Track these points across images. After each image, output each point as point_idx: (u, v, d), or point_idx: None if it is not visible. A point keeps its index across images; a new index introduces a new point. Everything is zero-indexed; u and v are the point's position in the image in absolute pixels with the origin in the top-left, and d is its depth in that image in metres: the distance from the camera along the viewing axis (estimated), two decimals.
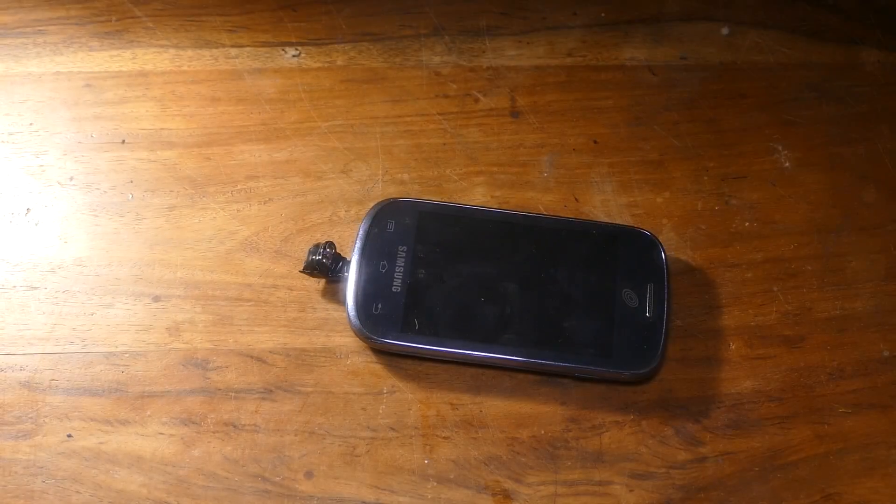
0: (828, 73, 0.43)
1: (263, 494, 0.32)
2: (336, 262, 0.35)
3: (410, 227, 0.36)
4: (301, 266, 0.35)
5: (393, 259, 0.35)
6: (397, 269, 0.35)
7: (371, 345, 0.35)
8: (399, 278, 0.35)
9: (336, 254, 0.35)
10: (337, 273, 0.35)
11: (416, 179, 0.38)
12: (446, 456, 0.33)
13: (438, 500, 0.32)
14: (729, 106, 0.41)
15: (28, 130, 0.39)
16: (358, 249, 0.35)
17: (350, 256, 0.35)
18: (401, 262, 0.35)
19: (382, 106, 0.40)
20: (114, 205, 0.37)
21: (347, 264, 0.35)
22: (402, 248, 0.35)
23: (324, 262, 0.35)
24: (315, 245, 0.35)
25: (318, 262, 0.34)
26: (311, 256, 0.35)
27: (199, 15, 0.42)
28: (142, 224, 0.37)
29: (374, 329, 0.34)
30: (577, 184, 0.39)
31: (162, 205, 0.37)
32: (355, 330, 0.34)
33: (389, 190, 0.38)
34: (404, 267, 0.35)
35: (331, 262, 0.35)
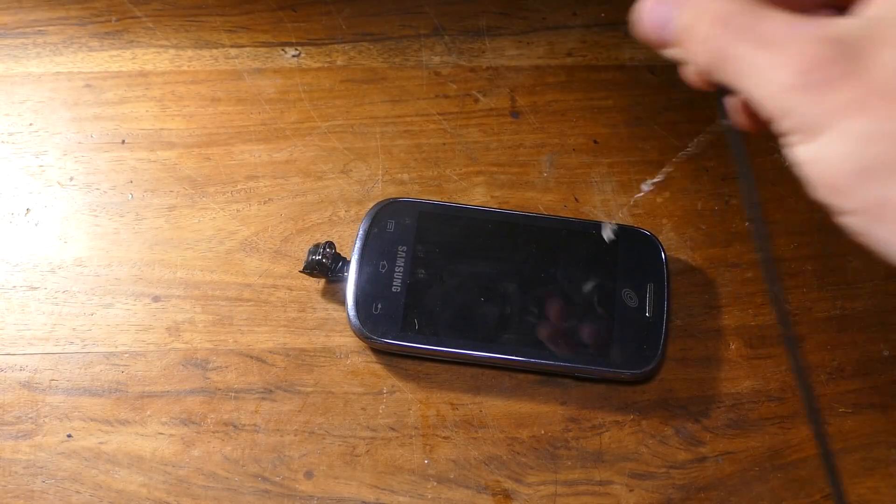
0: None
1: (263, 494, 0.32)
2: (336, 262, 0.35)
3: (410, 227, 0.36)
4: (301, 266, 0.35)
5: (393, 259, 0.35)
6: (397, 269, 0.35)
7: (371, 345, 0.35)
8: (399, 278, 0.35)
9: (336, 254, 0.35)
10: (337, 273, 0.35)
11: (416, 179, 0.38)
12: (446, 456, 0.33)
13: (438, 500, 0.32)
14: None
15: (28, 131, 0.39)
16: (358, 249, 0.35)
17: (350, 256, 0.35)
18: (401, 262, 0.35)
19: (382, 106, 0.40)
20: (114, 205, 0.37)
21: (347, 264, 0.35)
22: (401, 248, 0.35)
23: (324, 262, 0.35)
24: (315, 245, 0.35)
25: (317, 262, 0.34)
26: (311, 256, 0.35)
27: (198, 15, 0.42)
28: (142, 224, 0.37)
29: (373, 329, 0.34)
30: (577, 184, 0.39)
31: (162, 205, 0.37)
32: (355, 330, 0.34)
33: (389, 190, 0.38)
34: (404, 267, 0.35)
35: (331, 262, 0.35)
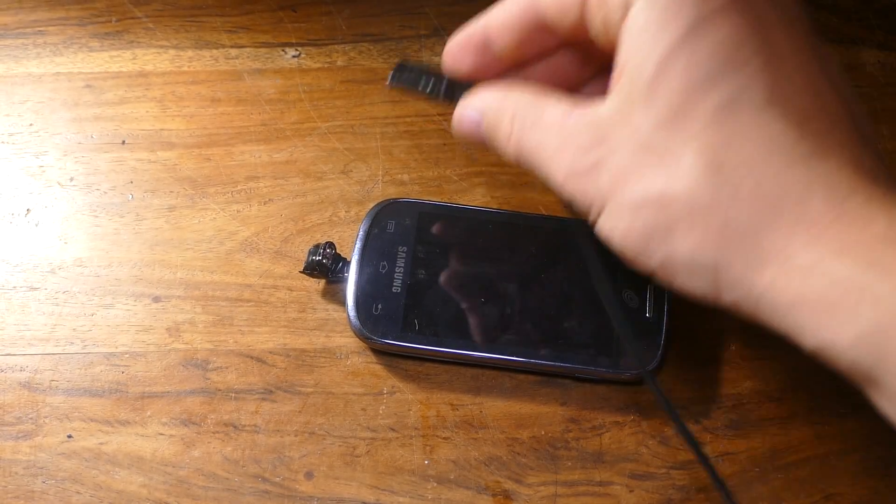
0: None
1: (263, 495, 0.32)
2: (336, 262, 0.35)
3: (410, 227, 0.36)
4: (301, 266, 0.35)
5: (393, 259, 0.35)
6: (397, 270, 0.35)
7: (371, 345, 0.35)
8: (399, 279, 0.35)
9: (336, 254, 0.35)
10: (337, 273, 0.35)
11: (416, 180, 0.38)
12: (446, 456, 0.33)
13: (438, 501, 0.32)
14: None
15: (28, 131, 0.39)
16: (358, 250, 0.35)
17: (350, 257, 0.35)
18: (401, 262, 0.35)
19: (382, 106, 0.40)
20: (114, 205, 0.37)
21: (347, 265, 0.35)
22: (402, 248, 0.35)
23: (324, 263, 0.35)
24: (315, 245, 0.35)
25: (318, 262, 0.34)
26: (312, 257, 0.35)
27: (199, 15, 0.42)
28: (142, 225, 0.37)
29: (374, 329, 0.34)
30: None
31: (162, 205, 0.37)
32: (355, 330, 0.34)
33: (389, 190, 0.38)
34: (404, 267, 0.35)
35: (331, 263, 0.35)
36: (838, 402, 0.35)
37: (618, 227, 0.24)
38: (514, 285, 0.35)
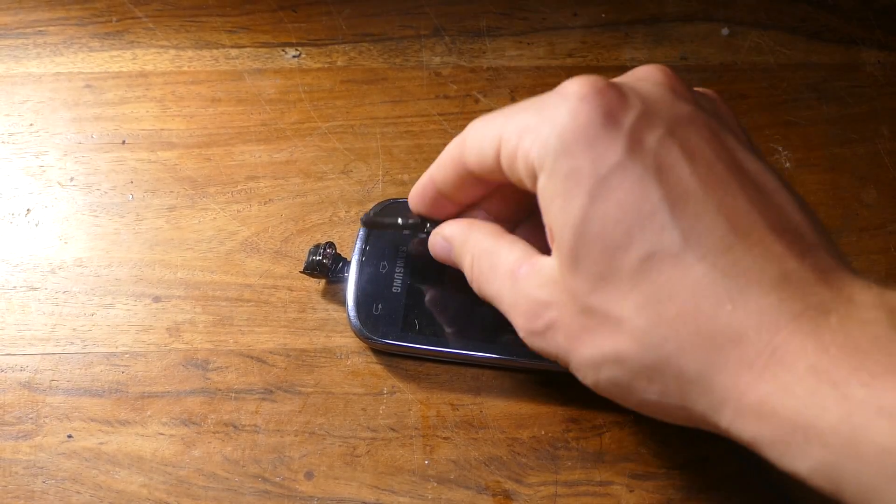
0: (828, 74, 0.43)
1: (263, 495, 0.32)
2: (336, 262, 0.35)
3: None
4: (301, 266, 0.35)
5: (393, 259, 0.35)
6: (397, 270, 0.35)
7: (371, 345, 0.35)
8: (399, 279, 0.35)
9: (336, 254, 0.35)
10: (337, 273, 0.35)
11: (417, 180, 0.38)
12: (446, 456, 0.33)
13: (439, 501, 0.32)
14: (729, 106, 0.41)
15: (28, 131, 0.39)
16: (358, 250, 0.35)
17: (350, 257, 0.35)
18: (401, 262, 0.35)
19: (382, 106, 0.40)
20: (114, 205, 0.37)
21: (348, 265, 0.35)
22: (402, 248, 0.35)
23: (324, 263, 0.35)
24: (315, 245, 0.35)
25: (318, 262, 0.34)
26: (312, 257, 0.35)
27: (199, 15, 0.42)
28: (142, 225, 0.37)
29: (374, 329, 0.34)
30: None
31: (162, 205, 0.37)
32: (355, 330, 0.34)
33: (390, 190, 0.38)
34: (404, 267, 0.35)
35: (331, 263, 0.35)
36: None
37: (587, 379, 0.26)
38: None
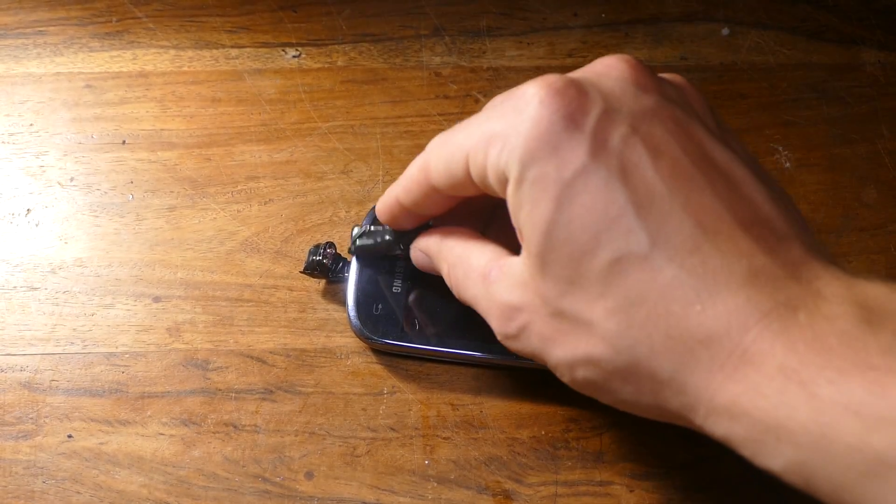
0: (828, 74, 0.43)
1: (264, 495, 0.32)
2: (336, 262, 0.35)
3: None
4: (301, 266, 0.35)
5: (393, 260, 0.35)
6: (398, 270, 0.35)
7: (371, 345, 0.35)
8: (399, 279, 0.35)
9: (336, 254, 0.35)
10: (337, 273, 0.35)
11: None
12: (447, 456, 0.33)
13: (439, 501, 0.32)
14: (729, 106, 0.41)
15: (28, 131, 0.39)
16: None
17: (350, 257, 0.35)
18: (401, 262, 0.35)
19: (383, 106, 0.40)
20: (114, 205, 0.37)
21: (348, 265, 0.35)
22: (402, 248, 0.35)
23: (324, 263, 0.35)
24: (315, 245, 0.35)
25: (318, 262, 0.34)
26: (312, 257, 0.35)
27: (199, 15, 0.42)
28: (142, 225, 0.37)
29: (374, 329, 0.34)
30: None
31: (162, 205, 0.37)
32: (356, 330, 0.34)
33: None
34: (405, 267, 0.35)
35: (331, 263, 0.35)
36: None
37: (564, 377, 0.26)
38: None
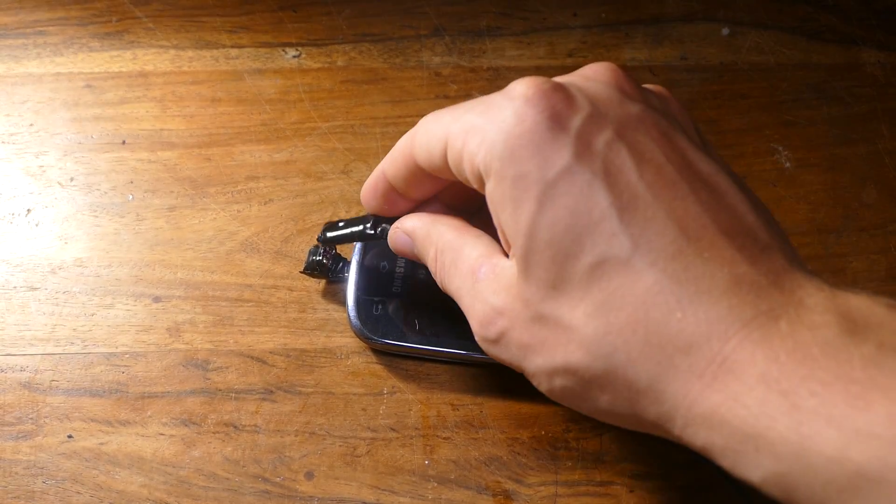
0: (828, 74, 0.43)
1: (264, 495, 0.32)
2: (336, 262, 0.35)
3: None
4: (301, 266, 0.35)
5: (393, 259, 0.35)
6: (397, 270, 0.35)
7: (371, 345, 0.35)
8: (399, 279, 0.35)
9: (336, 254, 0.35)
10: (337, 274, 0.35)
11: None
12: (447, 456, 0.33)
13: (439, 501, 0.32)
14: (729, 106, 0.41)
15: (28, 131, 0.39)
16: (358, 250, 0.35)
17: (350, 257, 0.35)
18: (401, 262, 0.35)
19: (383, 106, 0.40)
20: (114, 205, 0.37)
21: (348, 265, 0.35)
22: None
23: (324, 263, 0.35)
24: (315, 246, 0.35)
25: (318, 262, 0.34)
26: (312, 257, 0.35)
27: (199, 15, 0.42)
28: (142, 225, 0.37)
29: (374, 329, 0.34)
30: None
31: (162, 205, 0.37)
32: (356, 330, 0.34)
33: None
34: (404, 267, 0.35)
35: (331, 263, 0.35)
36: None
37: (541, 387, 0.26)
38: None
